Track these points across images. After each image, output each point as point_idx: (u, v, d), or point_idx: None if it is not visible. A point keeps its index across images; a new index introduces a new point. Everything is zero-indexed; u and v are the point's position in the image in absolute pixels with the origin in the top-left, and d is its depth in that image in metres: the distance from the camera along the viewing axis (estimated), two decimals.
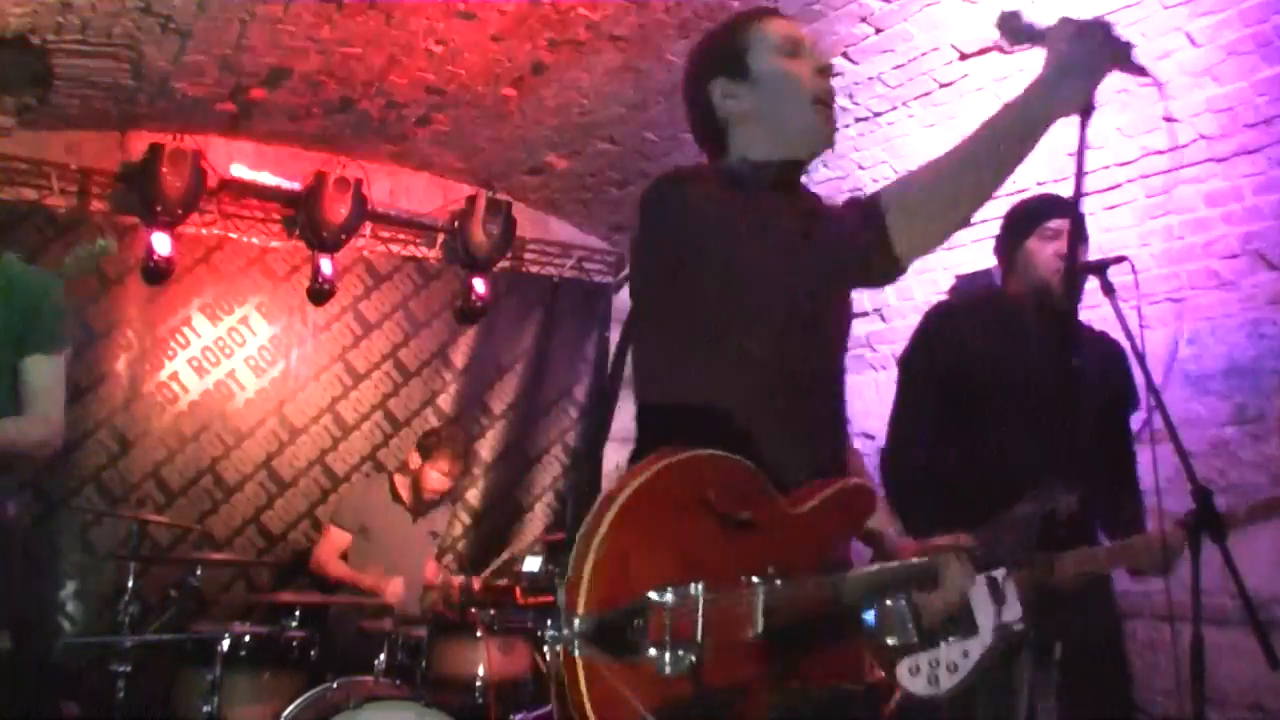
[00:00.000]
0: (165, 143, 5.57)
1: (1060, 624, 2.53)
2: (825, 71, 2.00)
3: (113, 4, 4.41)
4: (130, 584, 4.41)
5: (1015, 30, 1.85)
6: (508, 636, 4.66)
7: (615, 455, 6.87)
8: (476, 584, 5.32)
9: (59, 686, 4.33)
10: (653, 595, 1.59)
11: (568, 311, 6.82)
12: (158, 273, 5.72)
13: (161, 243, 5.67)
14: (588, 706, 1.54)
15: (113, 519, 5.35)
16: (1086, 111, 1.76)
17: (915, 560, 1.90)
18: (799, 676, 1.73)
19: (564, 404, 6.74)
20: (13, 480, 3.25)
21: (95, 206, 5.76)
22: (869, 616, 1.84)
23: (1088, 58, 1.73)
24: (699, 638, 1.59)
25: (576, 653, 1.54)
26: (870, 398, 5.19)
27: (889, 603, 1.83)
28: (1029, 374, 2.87)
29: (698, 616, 1.60)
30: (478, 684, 4.47)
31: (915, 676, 2.47)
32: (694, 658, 1.58)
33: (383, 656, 4.44)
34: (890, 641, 1.82)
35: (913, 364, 3.08)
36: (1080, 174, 1.82)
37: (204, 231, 5.96)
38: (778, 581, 1.69)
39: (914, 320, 3.14)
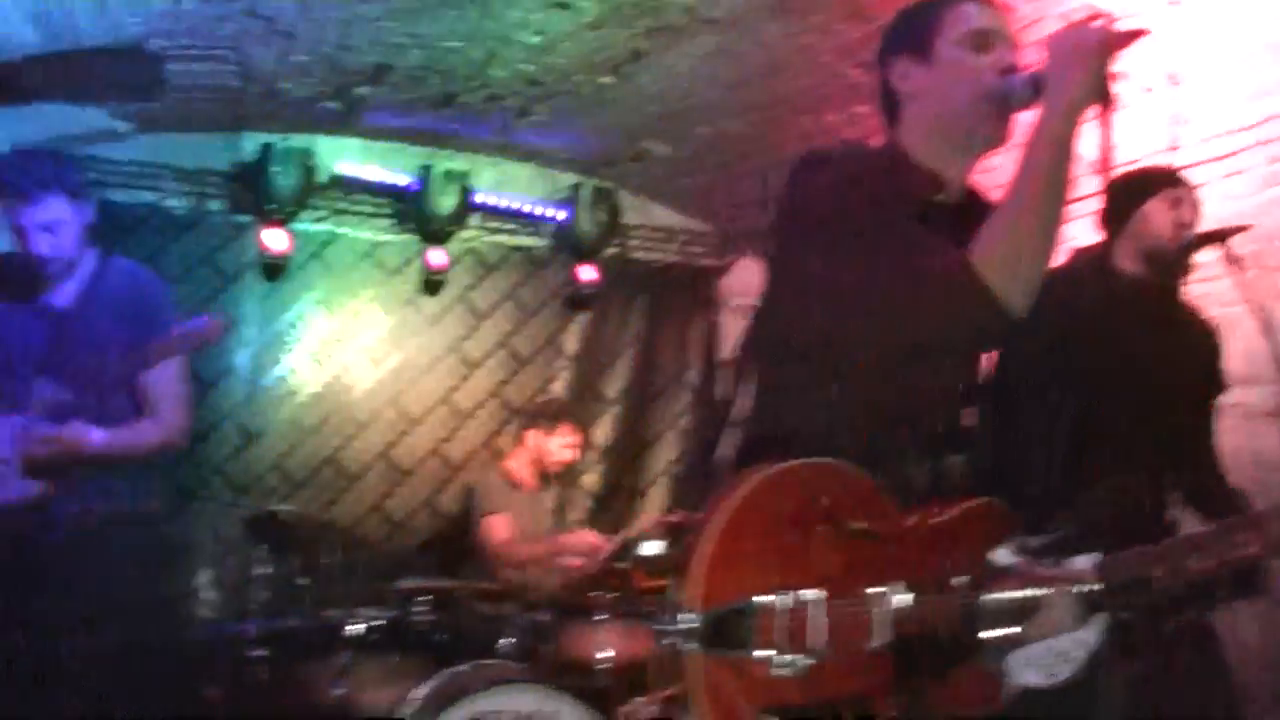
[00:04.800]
0: (275, 142, 5.71)
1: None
2: (1010, 70, 1.90)
3: (219, 9, 4.51)
4: (261, 572, 4.54)
5: (1009, 99, 1.87)
6: (629, 620, 4.68)
7: (729, 440, 6.84)
8: (598, 568, 5.35)
9: (198, 672, 4.47)
10: (766, 597, 1.60)
11: (675, 296, 6.82)
12: (273, 269, 5.88)
13: (275, 239, 5.81)
14: (701, 700, 1.58)
15: (241, 509, 5.51)
16: (1105, 103, 1.72)
17: (1018, 595, 1.83)
18: (921, 697, 1.72)
19: (676, 388, 6.75)
20: (146, 475, 3.38)
21: (211, 206, 5.92)
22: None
23: (1069, 57, 1.73)
24: (814, 644, 1.61)
25: (687, 646, 1.57)
26: None
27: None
28: (1131, 351, 2.80)
29: (813, 622, 1.61)
30: (602, 667, 4.49)
31: (1029, 668, 2.42)
32: (808, 662, 1.59)
33: (508, 640, 4.50)
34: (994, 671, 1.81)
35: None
36: (1107, 164, 1.75)
37: (316, 228, 6.09)
38: (905, 595, 1.69)
39: None
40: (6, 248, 3.36)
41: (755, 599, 1.60)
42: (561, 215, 6.47)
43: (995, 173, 1.95)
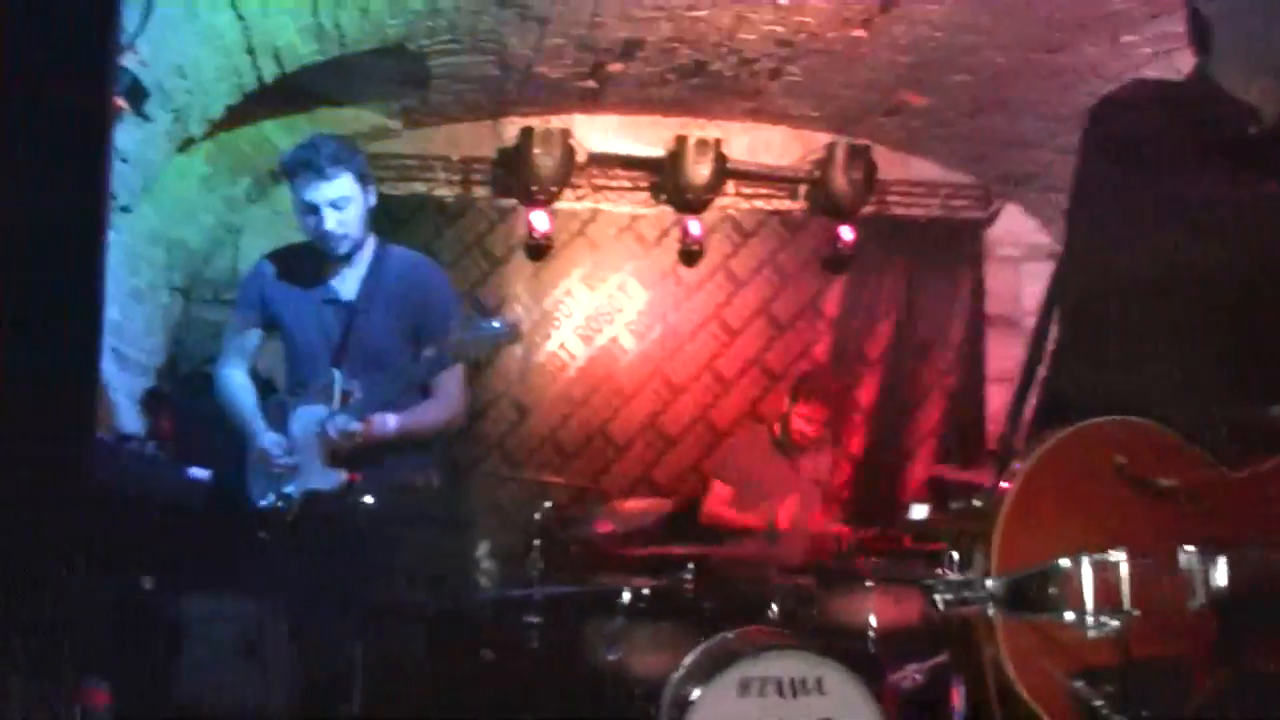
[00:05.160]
0: (534, 126, 5.89)
1: None
2: None
3: (475, 3, 4.68)
4: (536, 541, 4.74)
5: None
6: (897, 585, 4.61)
7: (999, 395, 6.64)
8: (863, 532, 5.30)
9: (478, 636, 4.70)
10: (1066, 560, 1.57)
11: (937, 251, 6.62)
12: (539, 249, 6.09)
13: (540, 220, 6.02)
14: (1007, 665, 1.55)
15: (516, 482, 5.74)
16: None
17: None
18: (1247, 658, 1.64)
19: (940, 346, 6.56)
20: (429, 453, 3.56)
21: (478, 193, 6.18)
22: None
23: None
24: (1126, 605, 1.56)
25: (991, 611, 1.55)
26: None
27: None
28: None
29: (1123, 583, 1.56)
30: (869, 633, 4.45)
31: None
32: (1120, 624, 1.55)
33: (774, 606, 4.52)
34: None
35: None
36: None
37: (577, 206, 6.25)
38: (1218, 552, 1.62)
39: None
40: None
41: (1059, 561, 1.57)
42: (817, 176, 6.38)
43: None
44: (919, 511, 5.54)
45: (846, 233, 6.36)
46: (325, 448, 3.28)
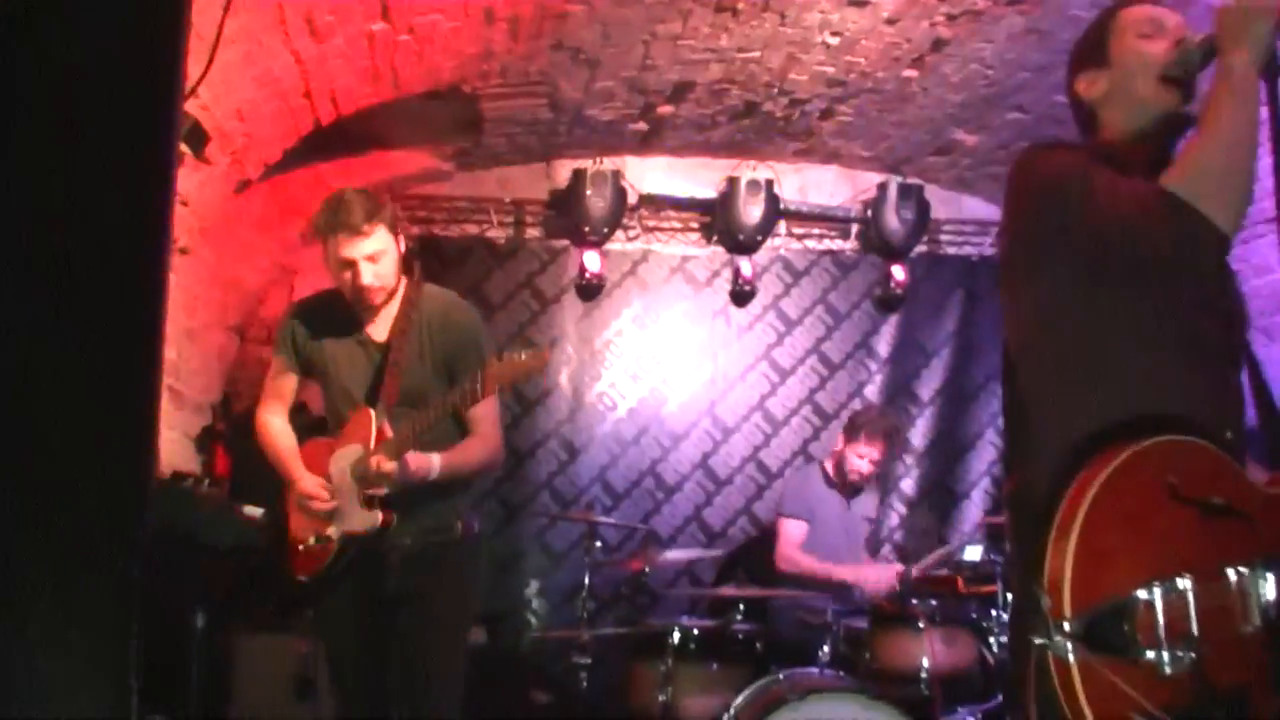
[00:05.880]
0: (586, 167, 5.93)
1: None
2: (1181, 42, 2.03)
3: (527, 46, 4.74)
4: (586, 581, 4.72)
5: (1188, 62, 2.00)
6: (951, 627, 4.54)
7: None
8: (916, 573, 5.23)
9: (528, 677, 4.69)
10: (1141, 593, 1.54)
11: (989, 290, 6.56)
12: (590, 289, 6.12)
13: (592, 260, 6.05)
14: (1085, 710, 1.51)
15: (566, 522, 5.74)
16: (1270, 72, 1.83)
17: None
18: None
19: (994, 386, 6.48)
20: (471, 496, 3.56)
21: (529, 234, 6.23)
22: None
23: (1242, 25, 1.86)
24: (1195, 634, 1.53)
25: (1070, 656, 1.51)
26: None
27: None
28: None
29: (1190, 612, 1.54)
30: (923, 676, 4.39)
31: None
32: (1194, 655, 1.52)
33: (826, 648, 4.48)
34: None
35: None
36: (1276, 136, 1.78)
37: (628, 247, 6.28)
38: (1267, 570, 1.60)
39: None
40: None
41: (1135, 594, 1.54)
42: (868, 215, 6.38)
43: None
44: (972, 553, 5.48)
45: (898, 272, 6.34)
46: (362, 488, 3.28)
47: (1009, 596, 4.55)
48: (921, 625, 4.45)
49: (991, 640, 4.44)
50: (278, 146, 4.59)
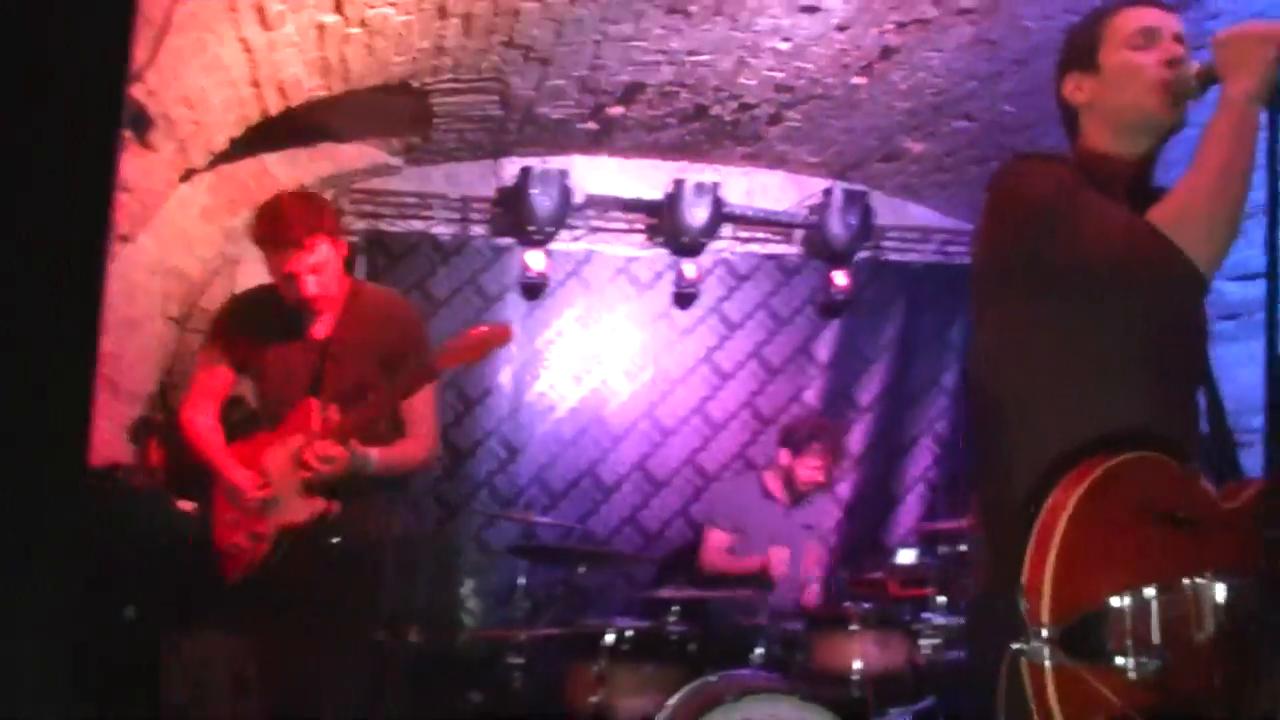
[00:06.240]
0: (534, 166, 5.91)
1: None
2: (1175, 63, 2.00)
3: (480, 42, 4.72)
4: (521, 581, 4.70)
5: (1184, 91, 1.99)
6: (884, 630, 4.59)
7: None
8: (850, 577, 5.29)
9: (462, 677, 4.67)
10: (1114, 601, 1.63)
11: (931, 297, 6.64)
12: (534, 288, 6.10)
13: (536, 260, 6.03)
14: (1056, 712, 1.60)
15: (504, 521, 5.72)
16: (1273, 103, 1.81)
17: None
18: (1252, 687, 1.69)
19: (933, 392, 6.58)
20: (409, 493, 3.53)
21: (475, 232, 6.20)
22: None
23: (1244, 53, 1.85)
24: (1159, 641, 1.62)
25: (1046, 660, 1.60)
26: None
27: None
28: None
29: (1154, 620, 1.63)
30: (855, 678, 4.43)
31: None
32: (1158, 661, 1.61)
33: (760, 650, 4.50)
34: None
35: None
36: (1274, 169, 1.78)
37: (573, 247, 6.27)
38: (1220, 580, 1.69)
39: None
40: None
41: (1108, 602, 1.63)
42: (813, 220, 6.41)
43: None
44: (906, 556, 5.53)
45: (841, 278, 6.39)
46: (301, 478, 3.25)
47: (941, 600, 4.61)
48: (854, 627, 4.49)
49: (923, 643, 4.48)
50: (224, 135, 4.53)
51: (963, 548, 4.72)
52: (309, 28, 4.15)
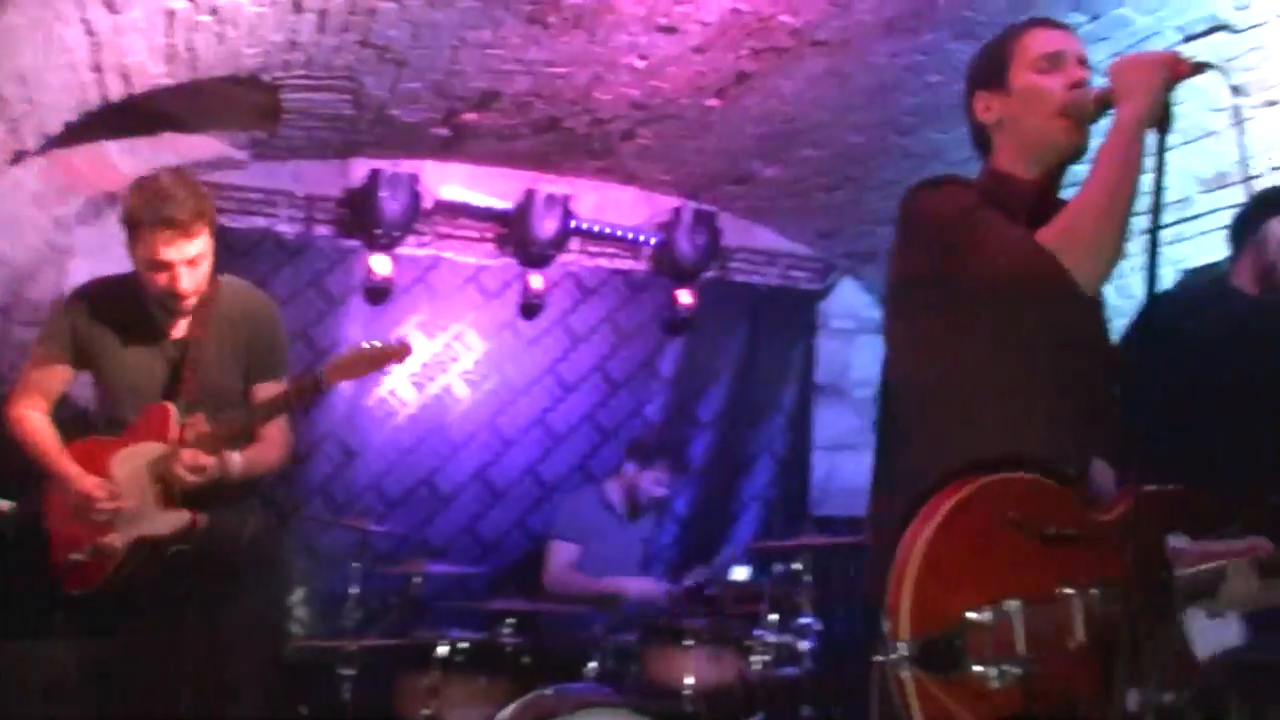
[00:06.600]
0: (383, 168, 5.82)
1: None
2: (1080, 85, 2.09)
3: (334, 39, 4.62)
4: (354, 590, 4.61)
5: (1082, 112, 2.08)
6: (716, 645, 4.64)
7: (823, 462, 6.83)
8: (684, 592, 5.35)
9: (290, 687, 4.55)
10: (971, 615, 1.69)
11: (774, 319, 6.78)
12: (378, 292, 6.00)
13: (381, 264, 5.93)
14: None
15: (337, 528, 5.59)
16: (1163, 125, 1.91)
17: (1203, 569, 1.90)
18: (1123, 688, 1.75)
19: (771, 412, 6.71)
20: (254, 496, 3.45)
21: (320, 232, 6.06)
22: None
23: (1136, 79, 1.94)
24: (1022, 651, 1.68)
25: (905, 674, 1.66)
26: None
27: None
28: (1248, 372, 2.78)
29: (1017, 631, 1.69)
30: (687, 692, 4.47)
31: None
32: (1021, 671, 1.67)
33: (594, 663, 4.51)
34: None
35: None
36: (1159, 187, 1.88)
37: (420, 252, 6.19)
38: (1091, 590, 1.76)
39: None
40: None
41: (967, 615, 1.69)
42: (661, 239, 6.48)
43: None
44: (740, 573, 5.62)
45: (686, 296, 6.47)
46: (164, 488, 3.11)
47: (773, 617, 4.69)
48: (688, 642, 4.53)
49: (754, 659, 4.55)
50: (59, 118, 4.33)
51: (795, 565, 4.83)
52: (157, 13, 4.00)
